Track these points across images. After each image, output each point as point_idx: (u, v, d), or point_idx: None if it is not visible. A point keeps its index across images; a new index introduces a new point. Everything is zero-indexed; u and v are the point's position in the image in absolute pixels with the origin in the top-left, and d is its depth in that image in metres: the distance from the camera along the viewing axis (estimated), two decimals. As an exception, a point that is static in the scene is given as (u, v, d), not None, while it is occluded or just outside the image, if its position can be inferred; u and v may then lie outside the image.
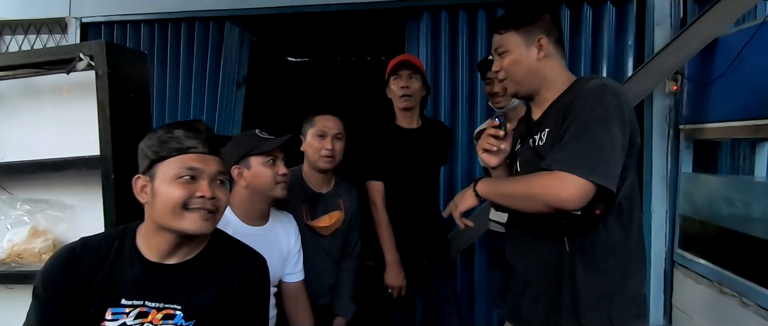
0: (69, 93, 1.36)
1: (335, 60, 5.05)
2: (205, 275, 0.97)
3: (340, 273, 1.68)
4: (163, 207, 0.90)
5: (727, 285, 1.70)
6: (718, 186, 1.92)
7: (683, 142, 2.11)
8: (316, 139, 1.55)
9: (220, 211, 0.96)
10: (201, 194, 0.91)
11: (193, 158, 0.93)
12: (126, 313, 0.91)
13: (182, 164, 0.92)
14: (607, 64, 2.25)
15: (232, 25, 2.60)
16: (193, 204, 0.91)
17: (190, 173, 0.92)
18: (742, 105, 1.74)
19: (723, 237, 1.82)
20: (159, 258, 0.94)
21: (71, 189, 1.40)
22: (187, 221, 0.90)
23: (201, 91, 2.64)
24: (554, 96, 1.08)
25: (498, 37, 1.12)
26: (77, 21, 2.69)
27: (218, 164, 0.97)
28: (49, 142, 1.38)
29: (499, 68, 1.13)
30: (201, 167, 0.93)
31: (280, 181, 1.33)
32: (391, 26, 2.89)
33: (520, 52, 1.09)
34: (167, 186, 0.91)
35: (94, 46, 1.22)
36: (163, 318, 0.91)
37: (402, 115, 1.79)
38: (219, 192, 0.95)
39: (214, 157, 0.97)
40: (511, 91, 1.14)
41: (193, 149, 0.93)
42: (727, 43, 1.85)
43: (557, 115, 1.02)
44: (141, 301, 0.91)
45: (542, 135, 1.06)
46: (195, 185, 0.92)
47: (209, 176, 0.94)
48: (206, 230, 0.93)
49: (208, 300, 0.95)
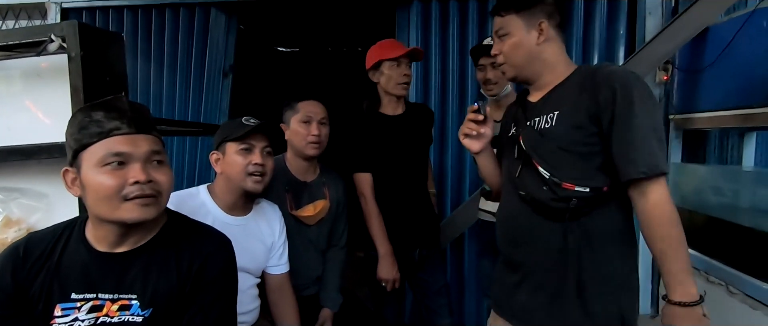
0: (41, 76, 1.30)
1: (326, 50, 4.99)
2: (161, 261, 0.89)
3: (326, 263, 1.65)
4: (95, 199, 0.83)
5: (714, 274, 1.70)
6: (706, 176, 1.92)
7: (673, 132, 2.11)
8: (301, 125, 1.51)
9: (163, 195, 0.87)
10: (134, 179, 0.82)
11: (119, 141, 0.83)
12: (77, 308, 0.84)
13: (107, 149, 0.83)
14: (599, 53, 2.24)
15: (218, 13, 2.54)
16: (128, 192, 0.82)
17: (117, 159, 0.83)
18: (731, 94, 1.73)
19: (711, 226, 1.83)
20: (108, 248, 0.88)
21: (46, 177, 1.34)
22: (125, 210, 0.83)
23: (186, 80, 2.58)
24: (556, 80, 1.08)
25: (499, 19, 1.10)
26: (57, 6, 2.61)
27: (151, 143, 0.87)
28: (22, 128, 1.32)
29: (498, 51, 1.11)
30: (128, 150, 0.84)
31: (252, 172, 1.26)
32: (381, 15, 2.85)
33: (520, 35, 1.07)
34: (95, 176, 0.82)
35: (66, 27, 1.16)
36: (118, 309, 0.85)
37: (390, 100, 1.73)
38: (157, 174, 0.86)
39: (145, 135, 0.87)
40: (510, 74, 1.12)
41: (116, 131, 0.84)
42: (718, 32, 1.84)
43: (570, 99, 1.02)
44: (93, 294, 0.85)
45: (549, 117, 1.04)
46: (126, 170, 0.83)
47: (141, 158, 0.85)
48: (149, 216, 0.85)
49: (165, 286, 0.88)
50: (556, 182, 1.00)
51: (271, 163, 1.32)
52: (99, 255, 0.88)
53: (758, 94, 1.59)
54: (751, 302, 1.49)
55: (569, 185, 0.99)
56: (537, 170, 1.03)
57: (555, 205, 1.01)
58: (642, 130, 0.93)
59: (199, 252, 0.92)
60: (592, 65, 1.10)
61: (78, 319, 0.84)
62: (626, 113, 0.94)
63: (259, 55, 4.51)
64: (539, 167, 1.02)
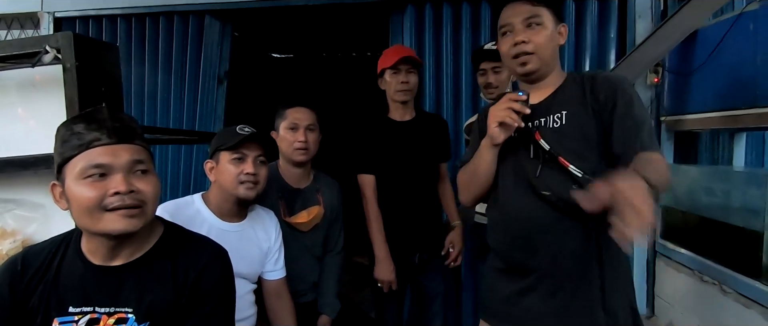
0: (36, 87, 1.30)
1: (320, 56, 5.00)
2: (156, 273, 0.89)
3: (323, 270, 1.66)
4: (78, 211, 0.83)
5: (708, 273, 1.72)
6: (698, 177, 1.94)
7: (664, 134, 2.13)
8: (288, 132, 1.52)
9: (148, 204, 0.86)
10: (114, 190, 0.81)
11: (98, 152, 0.83)
12: (75, 321, 0.85)
13: (87, 161, 0.82)
14: (590, 57, 2.27)
15: (212, 19, 2.55)
16: (109, 203, 0.81)
17: (97, 170, 0.82)
18: (721, 95, 1.76)
19: (703, 226, 1.85)
20: (103, 261, 0.88)
21: (42, 188, 1.33)
22: (108, 222, 0.82)
23: (181, 87, 2.59)
24: (557, 83, 1.10)
25: (530, 6, 1.05)
26: (50, 15, 2.61)
27: (133, 153, 0.86)
28: (17, 139, 1.33)
29: (527, 39, 1.04)
30: (109, 161, 0.83)
31: (244, 181, 1.27)
32: (375, 20, 2.86)
33: (552, 30, 1.07)
34: (77, 188, 0.82)
35: (61, 38, 1.17)
36: (115, 323, 0.85)
37: (395, 107, 1.77)
38: (140, 184, 0.85)
39: (127, 145, 0.86)
40: (532, 67, 1.06)
41: (95, 142, 0.83)
42: (707, 34, 1.87)
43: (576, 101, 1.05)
44: (90, 307, 0.85)
45: (557, 117, 1.06)
46: (107, 182, 0.82)
47: (123, 168, 0.84)
48: (132, 228, 0.83)
49: (161, 299, 0.88)
50: (589, 180, 0.96)
51: (264, 171, 1.33)
52: (94, 268, 0.88)
53: (746, 96, 1.61)
54: (744, 301, 1.51)
55: None
56: (565, 169, 1.01)
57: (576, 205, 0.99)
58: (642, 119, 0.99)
59: (195, 264, 0.92)
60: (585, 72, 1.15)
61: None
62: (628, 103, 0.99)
63: (253, 61, 4.51)
64: (570, 166, 1.00)
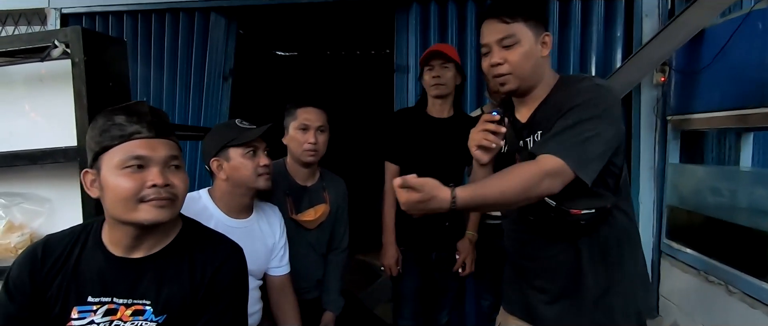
0: (44, 82, 1.31)
1: (324, 54, 5.01)
2: (174, 268, 0.91)
3: (327, 267, 1.66)
4: (113, 200, 0.85)
5: (714, 273, 1.71)
6: (704, 177, 1.93)
7: (671, 133, 2.12)
8: (298, 133, 1.51)
9: (178, 199, 0.90)
10: (152, 183, 0.84)
11: (139, 144, 0.86)
12: (93, 311, 0.86)
13: (127, 152, 0.85)
14: (596, 56, 2.26)
15: (217, 17, 2.55)
16: (146, 195, 0.84)
17: (136, 162, 0.85)
18: (728, 95, 1.75)
19: (709, 226, 1.84)
20: (124, 253, 0.89)
21: (48, 182, 1.35)
22: (142, 212, 0.84)
23: (186, 84, 2.59)
24: (543, 95, 1.05)
25: (503, 25, 0.99)
26: (57, 12, 2.61)
27: (169, 148, 0.89)
28: (25, 133, 1.33)
29: (502, 60, 1.00)
30: (148, 154, 0.86)
31: (262, 173, 1.29)
32: (380, 18, 2.86)
33: (530, 45, 0.99)
34: (115, 178, 0.85)
35: (70, 33, 1.17)
36: (132, 314, 0.87)
37: (433, 102, 1.80)
38: (174, 179, 0.88)
39: (164, 140, 0.89)
40: (511, 86, 1.03)
41: (136, 134, 0.86)
42: (714, 33, 1.86)
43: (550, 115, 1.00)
44: (108, 298, 0.87)
45: (536, 137, 1.03)
46: (144, 174, 0.85)
47: (159, 162, 0.87)
48: (163, 218, 0.86)
49: (178, 294, 0.89)
50: (564, 211, 0.96)
51: (271, 162, 1.35)
52: (115, 259, 0.89)
53: (753, 96, 1.60)
54: (750, 301, 1.50)
55: (576, 211, 0.96)
56: None
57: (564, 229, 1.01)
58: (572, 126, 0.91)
59: (212, 260, 0.94)
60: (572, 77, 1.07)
61: (94, 322, 0.86)
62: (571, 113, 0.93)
63: (258, 59, 4.52)
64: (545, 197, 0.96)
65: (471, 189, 0.85)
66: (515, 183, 0.87)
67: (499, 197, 0.86)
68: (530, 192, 0.87)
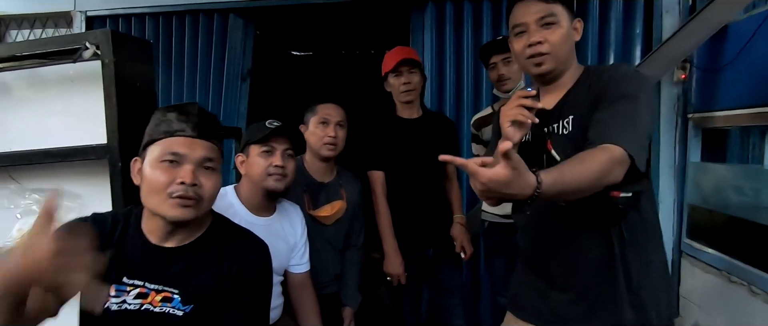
0: (75, 82, 1.36)
1: (339, 53, 5.03)
2: (204, 260, 0.94)
3: (345, 264, 1.69)
4: (146, 190, 0.90)
5: (736, 274, 1.68)
6: (727, 175, 1.90)
7: (692, 131, 2.09)
8: (318, 127, 1.56)
9: (204, 200, 0.92)
10: (181, 180, 0.87)
11: (179, 141, 0.90)
12: (127, 291, 0.90)
13: (166, 148, 0.89)
14: (615, 53, 2.23)
15: (236, 18, 2.60)
16: (173, 190, 0.87)
17: (172, 157, 0.89)
18: (752, 92, 1.71)
19: (732, 226, 1.80)
20: (158, 241, 0.93)
21: (79, 178, 1.40)
22: (167, 207, 0.88)
23: (206, 84, 2.65)
24: (571, 81, 1.05)
25: (543, 4, 0.99)
26: (82, 14, 2.70)
27: (207, 150, 0.92)
28: (56, 132, 1.39)
29: (542, 39, 0.99)
30: (184, 151, 0.90)
31: (272, 173, 1.30)
32: (395, 18, 2.87)
33: (568, 28, 1.00)
34: (151, 170, 0.89)
35: (100, 35, 1.22)
36: (161, 300, 0.90)
37: (402, 106, 1.82)
38: (204, 179, 0.91)
39: (204, 141, 0.92)
40: (548, 67, 1.01)
41: (180, 132, 0.90)
42: (737, 29, 1.82)
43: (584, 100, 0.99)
44: (141, 282, 0.91)
45: (566, 123, 1.01)
46: (177, 170, 0.89)
47: (194, 161, 0.90)
48: (185, 217, 0.89)
49: (205, 285, 0.93)
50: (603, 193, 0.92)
51: (292, 164, 1.35)
52: (150, 246, 0.93)
53: (779, 92, 1.57)
54: (775, 302, 1.48)
55: (616, 193, 0.93)
56: None
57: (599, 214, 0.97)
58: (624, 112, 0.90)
59: (239, 255, 0.97)
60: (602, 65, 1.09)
61: (126, 302, 0.89)
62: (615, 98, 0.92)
63: (274, 59, 4.57)
64: None
65: (553, 175, 0.79)
66: (593, 169, 0.83)
67: (577, 184, 0.82)
68: (602, 181, 0.84)
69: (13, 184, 1.45)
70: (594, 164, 0.83)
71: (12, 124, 1.45)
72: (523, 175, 0.73)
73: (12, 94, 1.46)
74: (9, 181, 1.46)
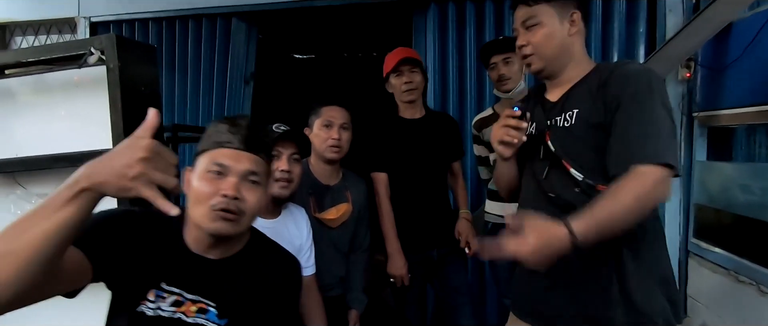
0: (80, 87, 1.37)
1: (341, 56, 5.04)
2: (243, 274, 0.94)
3: (350, 266, 1.68)
4: (192, 200, 0.88)
5: (744, 273, 1.67)
6: (733, 174, 1.88)
7: (697, 130, 2.08)
8: (322, 129, 1.56)
9: (246, 214, 0.90)
10: (223, 192, 0.86)
11: (225, 153, 0.89)
12: (164, 298, 0.88)
13: (213, 159, 0.89)
14: (618, 52, 2.22)
15: (238, 22, 2.61)
16: (216, 203, 0.86)
17: (217, 168, 0.88)
18: (757, 90, 1.70)
19: (739, 225, 1.79)
20: (200, 251, 0.92)
21: (84, 183, 1.40)
22: (207, 219, 0.86)
23: (209, 88, 2.66)
24: (577, 76, 1.05)
25: (526, 8, 1.05)
26: (86, 20, 2.72)
27: (253, 163, 0.91)
28: (62, 137, 1.39)
29: (525, 42, 1.06)
30: (230, 164, 0.89)
31: (279, 178, 1.29)
32: (398, 20, 2.88)
33: (553, 25, 1.04)
34: (197, 180, 0.89)
35: (105, 40, 1.23)
36: (196, 311, 0.89)
37: (405, 106, 1.81)
38: (247, 193, 0.89)
39: (251, 154, 0.91)
40: (537, 67, 1.07)
41: (227, 144, 0.90)
42: (742, 27, 1.81)
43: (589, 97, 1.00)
44: (179, 290, 0.89)
45: (568, 116, 1.02)
46: (221, 182, 0.87)
47: (238, 174, 0.89)
48: (224, 231, 0.87)
49: (242, 300, 0.92)
50: (590, 184, 0.96)
51: (298, 168, 1.35)
52: (191, 255, 0.91)
53: (786, 90, 1.56)
54: (784, 301, 1.46)
55: (603, 187, 0.94)
56: (567, 172, 1.00)
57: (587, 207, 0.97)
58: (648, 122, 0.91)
59: (276, 272, 0.99)
60: (613, 62, 1.09)
61: (161, 308, 0.87)
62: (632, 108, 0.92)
63: (277, 62, 4.59)
64: (571, 169, 0.99)
65: (585, 220, 0.85)
66: (628, 202, 0.87)
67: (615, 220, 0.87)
68: (646, 207, 0.89)
69: (20, 190, 1.46)
70: (628, 197, 0.87)
71: (18, 130, 1.46)
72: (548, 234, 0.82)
73: (18, 100, 1.47)
74: (16, 187, 1.46)
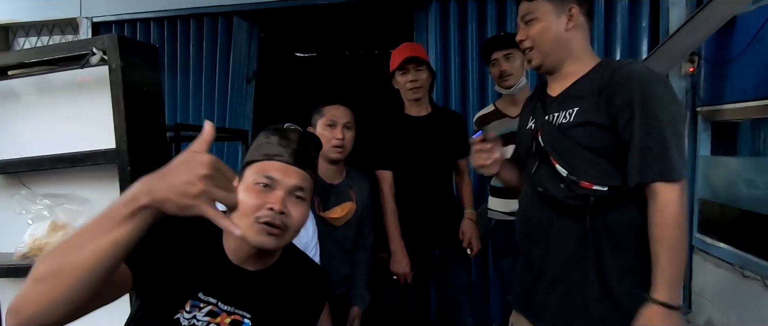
0: (83, 87, 1.37)
1: (343, 54, 5.04)
2: (279, 287, 0.94)
3: (354, 264, 1.69)
4: (238, 212, 0.84)
5: (749, 268, 1.66)
6: (738, 169, 1.87)
7: (701, 125, 2.07)
8: (325, 129, 1.54)
9: (290, 229, 0.88)
10: (270, 206, 0.85)
11: (274, 166, 0.89)
12: (200, 307, 0.87)
13: (262, 170, 0.88)
14: (621, 47, 2.22)
15: (240, 21, 2.61)
16: (262, 215, 0.84)
17: (265, 181, 0.87)
18: (761, 84, 1.69)
19: (744, 220, 1.78)
20: (239, 262, 0.91)
21: (88, 183, 1.41)
22: (252, 231, 0.84)
23: (211, 87, 2.66)
24: (579, 72, 1.06)
25: (526, 4, 1.08)
26: (88, 21, 2.72)
27: (300, 179, 0.90)
28: (65, 137, 1.40)
29: (525, 37, 1.09)
30: (278, 177, 0.88)
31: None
32: (399, 17, 2.87)
33: (549, 20, 1.05)
34: (245, 191, 0.87)
35: (107, 41, 1.23)
36: (230, 322, 0.87)
37: (411, 104, 1.81)
38: (292, 208, 0.88)
39: (299, 169, 0.90)
40: (536, 62, 1.10)
41: (277, 157, 0.89)
42: (746, 21, 1.80)
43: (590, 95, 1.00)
44: (215, 300, 0.88)
45: (568, 113, 1.03)
46: (268, 195, 0.86)
47: (286, 188, 0.88)
48: (268, 245, 0.86)
49: (276, 313, 0.92)
50: (574, 180, 0.98)
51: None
52: (229, 265, 0.90)
53: (790, 84, 1.55)
54: (790, 296, 1.46)
55: (587, 184, 0.97)
56: (554, 167, 1.01)
57: (572, 203, 1.00)
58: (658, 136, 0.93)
59: (308, 286, 1.01)
60: (615, 61, 1.08)
61: (196, 318, 0.86)
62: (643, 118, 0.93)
63: (279, 61, 4.59)
64: (557, 165, 1.01)
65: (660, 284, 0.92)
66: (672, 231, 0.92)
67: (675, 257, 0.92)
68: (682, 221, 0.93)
69: (24, 190, 1.46)
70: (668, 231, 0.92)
71: (22, 131, 1.46)
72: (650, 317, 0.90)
73: (21, 101, 1.47)
74: (20, 187, 1.47)
